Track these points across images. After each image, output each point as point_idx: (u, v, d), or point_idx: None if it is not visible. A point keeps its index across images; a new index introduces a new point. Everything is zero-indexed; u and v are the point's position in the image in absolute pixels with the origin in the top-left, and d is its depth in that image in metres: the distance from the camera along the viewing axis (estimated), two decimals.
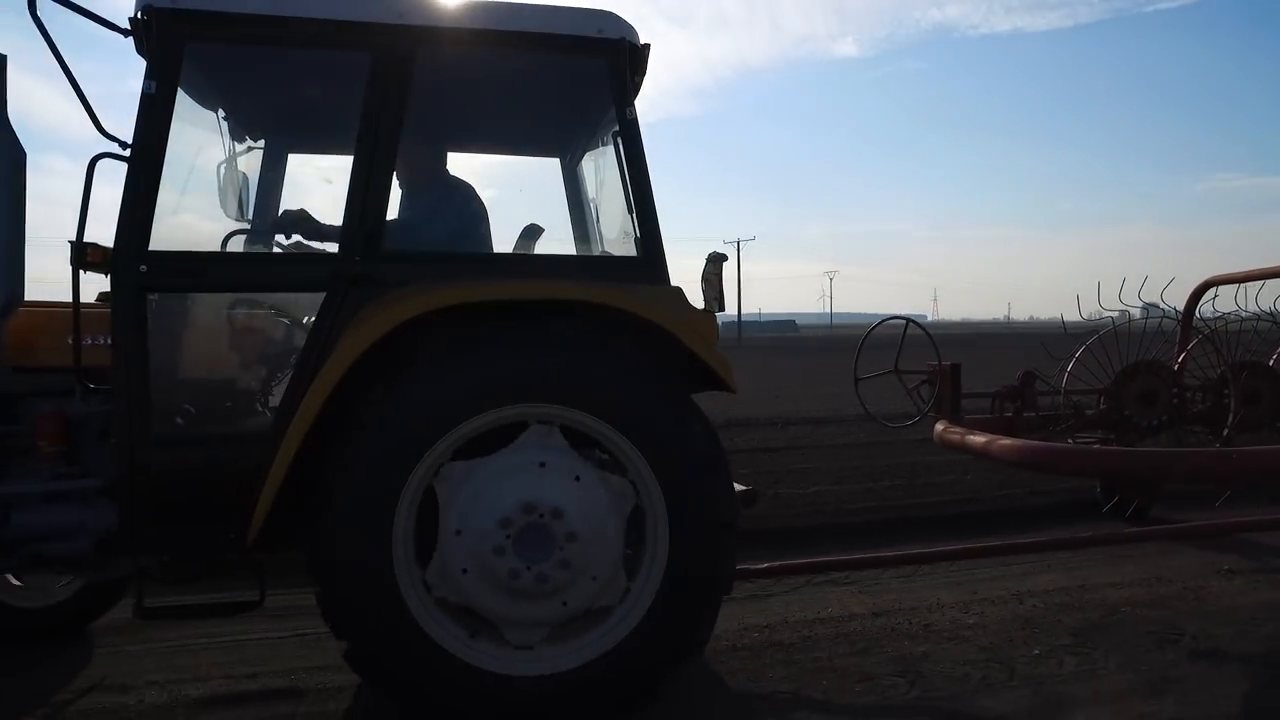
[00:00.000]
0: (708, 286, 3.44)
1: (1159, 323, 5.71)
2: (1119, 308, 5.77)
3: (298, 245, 4.02)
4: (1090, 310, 6.12)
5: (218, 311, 3.53)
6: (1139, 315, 5.88)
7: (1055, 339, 6.13)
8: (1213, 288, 6.14)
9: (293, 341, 3.54)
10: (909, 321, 5.85)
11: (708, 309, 3.44)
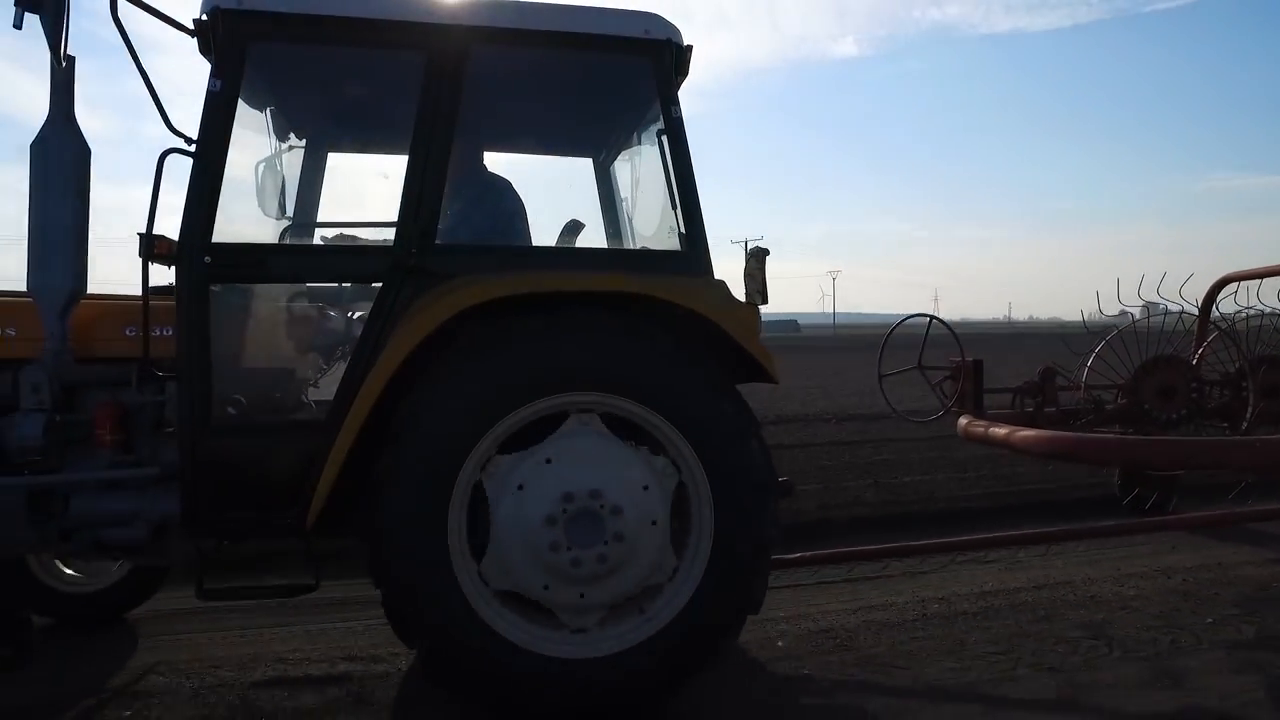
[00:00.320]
0: (750, 280, 3.52)
1: (1177, 319, 5.81)
2: (1123, 307, 5.87)
3: (338, 239, 4.12)
4: (1109, 308, 6.22)
5: (276, 302, 3.62)
6: (1139, 314, 5.99)
7: (1072, 336, 6.22)
8: (1230, 284, 6.24)
9: (347, 331, 3.63)
10: (932, 319, 5.94)
11: (750, 302, 3.53)
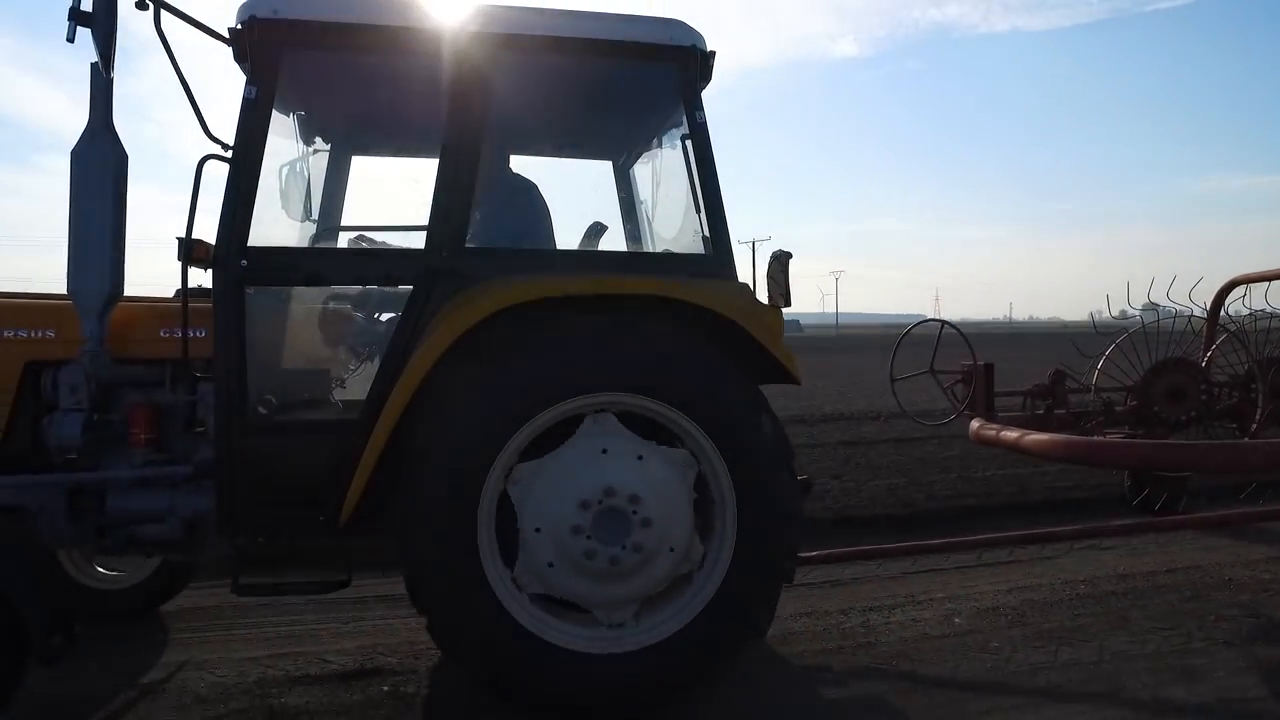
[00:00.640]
0: (773, 283, 3.59)
1: (1186, 322, 5.87)
2: (1127, 309, 5.93)
3: (357, 241, 4.19)
4: (1116, 311, 6.28)
5: (310, 304, 3.70)
6: (1141, 316, 6.05)
7: (1076, 336, 6.28)
8: (1239, 286, 6.29)
9: (379, 333, 3.71)
10: (944, 324, 6.02)
11: (773, 304, 3.59)
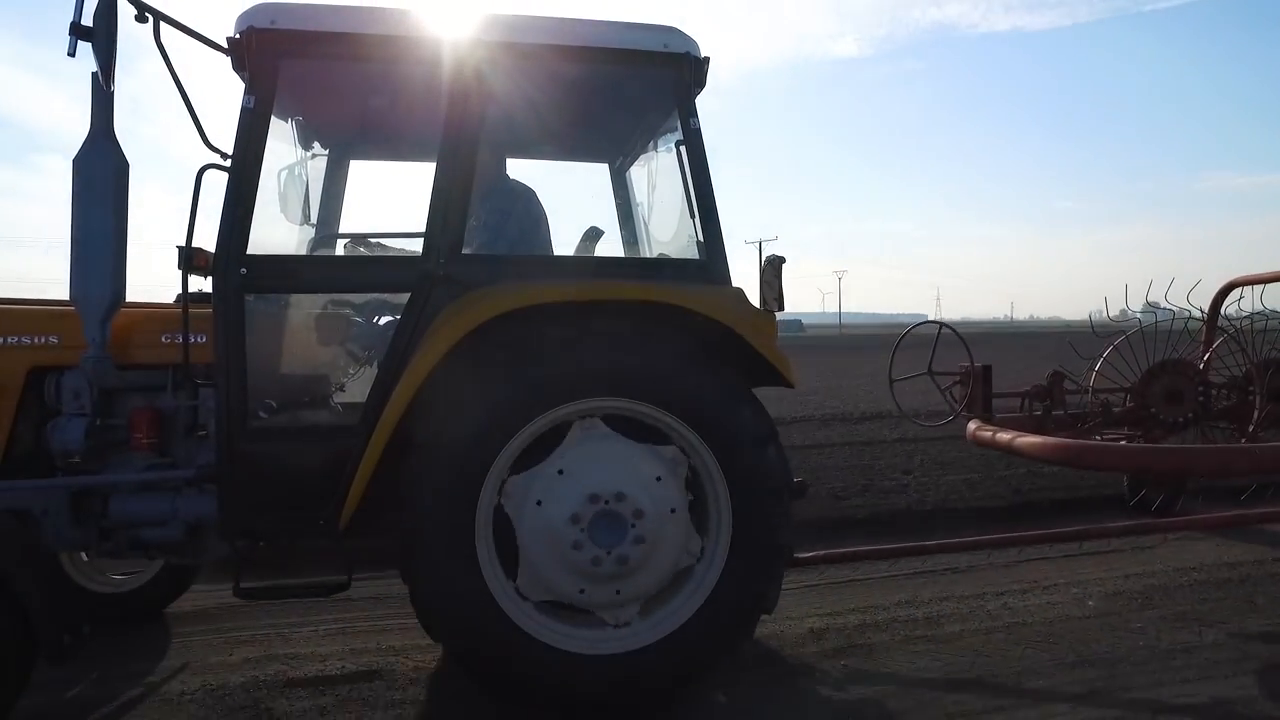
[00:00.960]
0: (767, 287, 3.62)
1: (1185, 323, 5.89)
2: (1125, 310, 5.95)
3: (353, 247, 4.23)
4: (1114, 312, 6.30)
5: (309, 311, 3.73)
6: (1140, 318, 6.07)
7: (1076, 336, 6.31)
8: (1237, 288, 6.31)
9: (377, 338, 3.74)
10: (942, 326, 6.04)
11: (766, 308, 3.62)
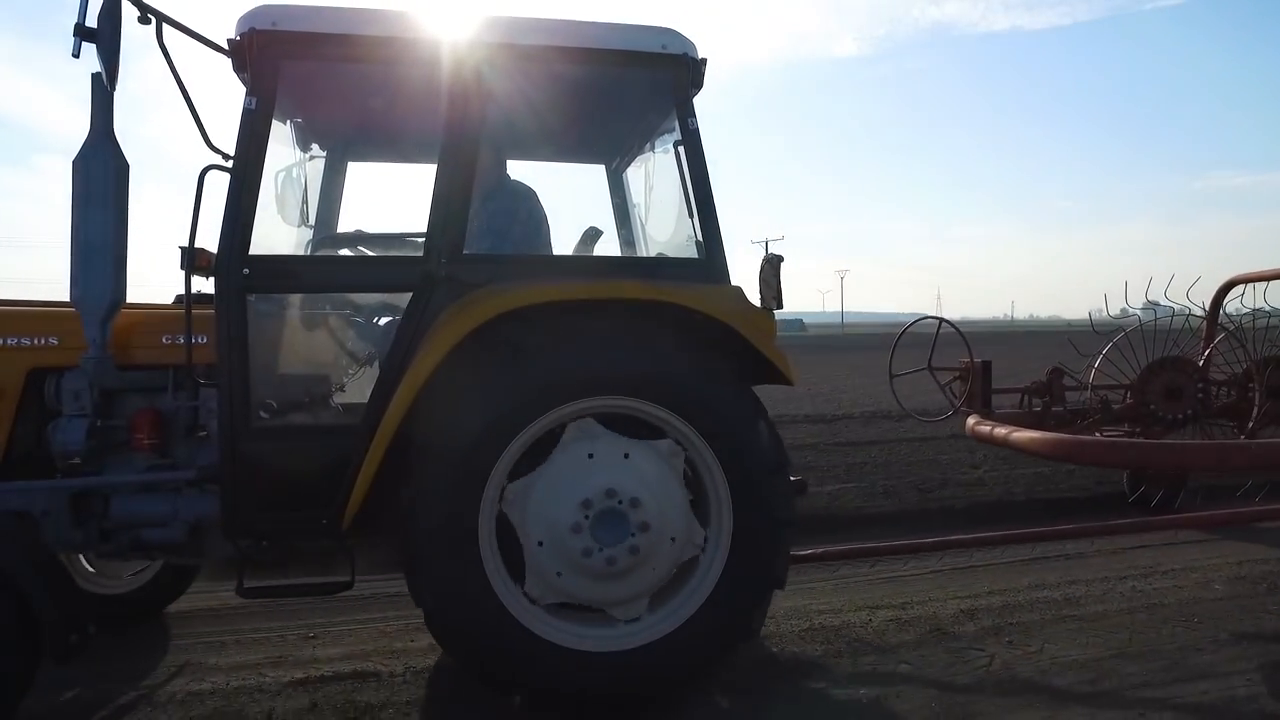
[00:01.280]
0: (765, 286, 3.63)
1: (1185, 320, 5.90)
2: (1125, 308, 5.96)
3: (353, 245, 4.23)
4: (1114, 310, 6.32)
5: (310, 311, 3.75)
6: (1140, 315, 6.09)
7: (1076, 334, 6.35)
8: (1238, 286, 6.32)
9: (378, 338, 3.76)
10: (941, 322, 6.06)
11: (765, 307, 3.64)
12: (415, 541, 3.13)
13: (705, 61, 3.73)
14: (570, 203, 5.09)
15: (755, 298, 3.66)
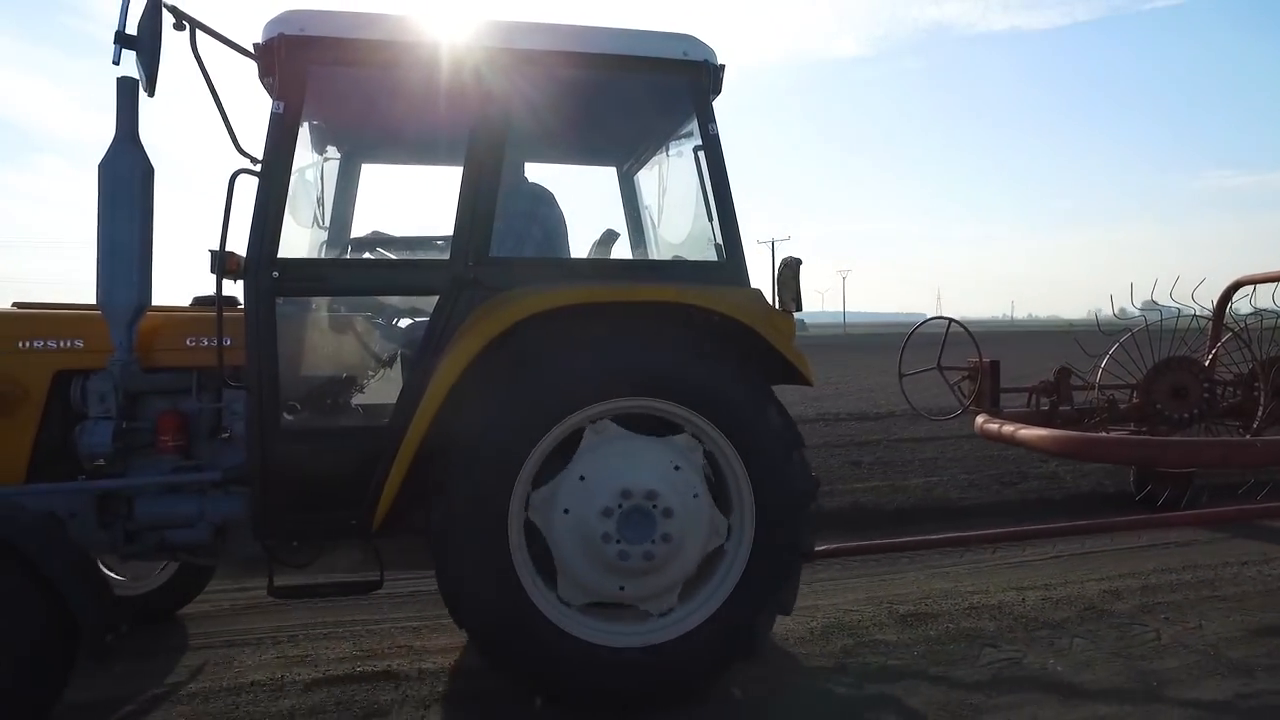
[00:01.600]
0: (785, 289, 3.68)
1: (1190, 321, 5.96)
2: (1125, 308, 6.02)
3: (372, 246, 4.26)
4: (1117, 310, 6.38)
5: (338, 313, 3.78)
6: (1140, 315, 6.16)
7: (1079, 334, 6.42)
8: (1243, 287, 6.38)
9: (406, 340, 3.79)
10: (951, 322, 6.12)
11: (784, 309, 3.69)
12: (447, 548, 3.17)
13: (724, 67, 3.77)
14: (580, 205, 5.14)
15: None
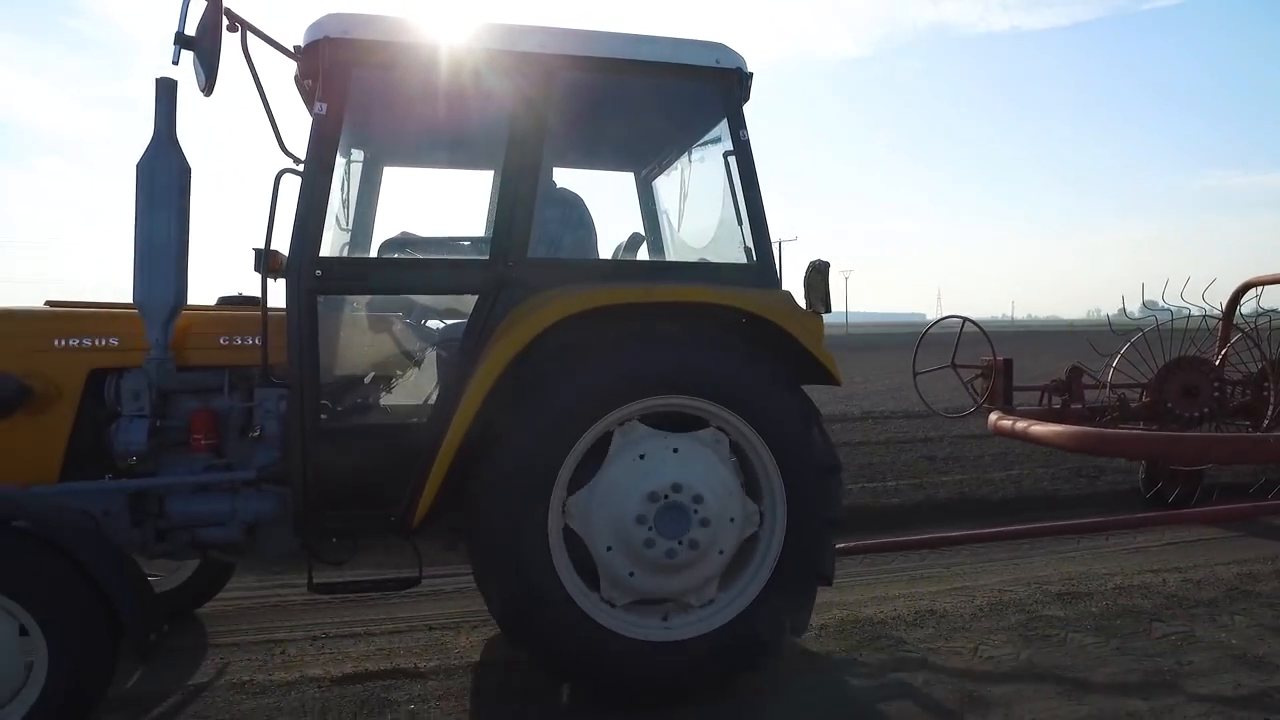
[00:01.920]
0: (814, 290, 3.74)
1: (1200, 321, 6.05)
2: (1124, 308, 6.09)
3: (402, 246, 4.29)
4: (1118, 310, 6.47)
5: (374, 313, 3.82)
6: (1139, 314, 6.25)
7: (1079, 334, 6.51)
8: (1252, 288, 6.47)
9: (441, 340, 3.83)
10: (965, 321, 6.19)
11: (813, 310, 3.75)
12: (488, 558, 3.23)
13: (753, 75, 3.83)
14: (600, 210, 5.18)
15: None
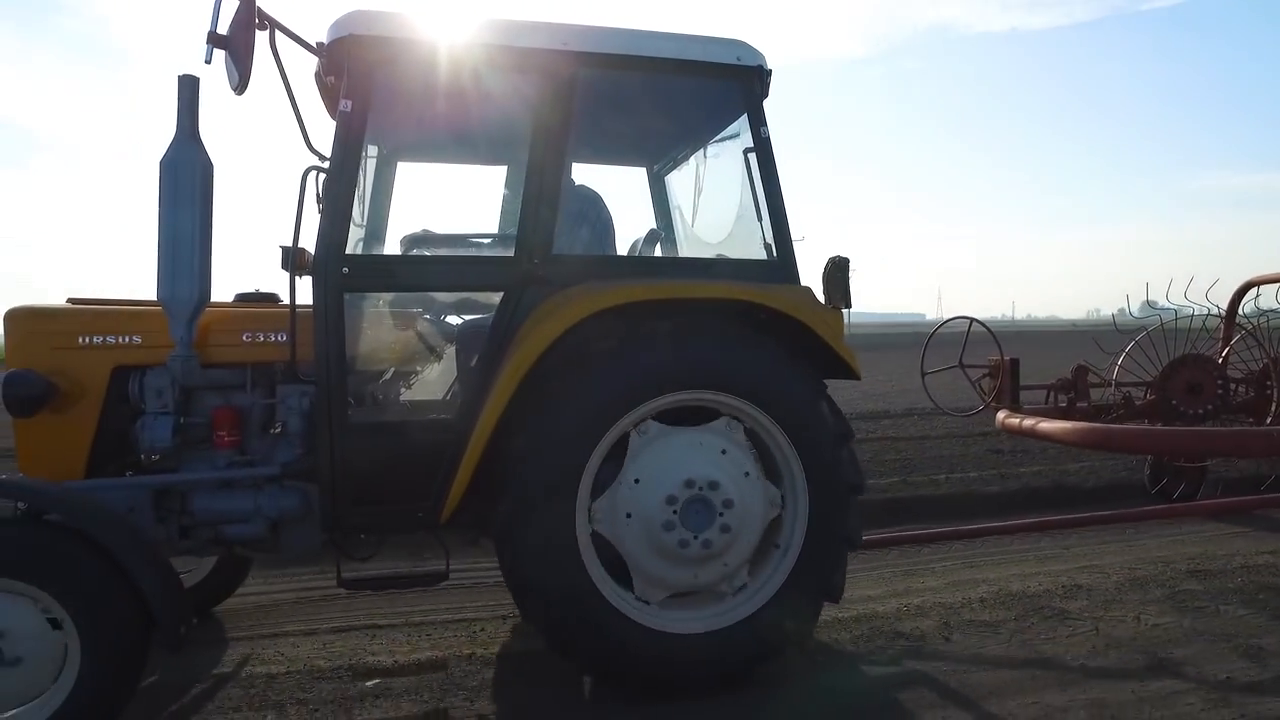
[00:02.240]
0: (834, 287, 3.78)
1: (1204, 320, 6.13)
2: (1128, 311, 6.17)
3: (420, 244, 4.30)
4: (1117, 311, 6.54)
5: (399, 309, 3.83)
6: (1139, 313, 6.33)
7: (1082, 333, 6.61)
8: (1254, 287, 6.56)
9: (467, 335, 3.84)
10: (972, 322, 6.26)
11: (833, 306, 3.78)
12: (523, 564, 3.25)
13: (772, 72, 3.86)
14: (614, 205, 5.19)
15: None
